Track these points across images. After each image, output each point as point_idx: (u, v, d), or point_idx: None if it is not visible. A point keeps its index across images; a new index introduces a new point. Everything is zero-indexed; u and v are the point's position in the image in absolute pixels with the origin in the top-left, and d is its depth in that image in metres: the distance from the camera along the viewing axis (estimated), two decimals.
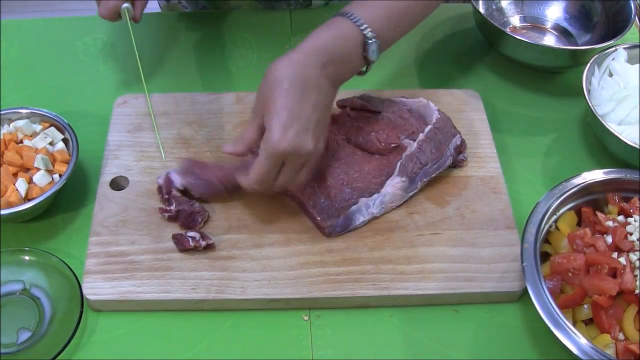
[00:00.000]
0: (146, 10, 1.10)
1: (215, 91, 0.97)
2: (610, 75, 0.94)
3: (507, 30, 1.01)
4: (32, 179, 0.80)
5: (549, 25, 1.09)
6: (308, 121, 0.73)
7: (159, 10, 1.23)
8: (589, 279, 0.70)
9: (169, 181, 0.82)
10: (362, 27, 0.75)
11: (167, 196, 0.81)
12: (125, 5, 0.87)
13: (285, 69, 0.73)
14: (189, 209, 0.80)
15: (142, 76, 0.89)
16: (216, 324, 0.75)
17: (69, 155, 0.83)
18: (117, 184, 0.85)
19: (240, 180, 0.77)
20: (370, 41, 0.75)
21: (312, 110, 0.73)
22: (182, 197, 0.82)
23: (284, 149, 0.71)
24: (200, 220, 0.80)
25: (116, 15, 0.88)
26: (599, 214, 0.76)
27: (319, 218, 0.79)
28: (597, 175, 0.79)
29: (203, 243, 0.77)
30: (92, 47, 1.06)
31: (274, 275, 0.76)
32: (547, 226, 0.76)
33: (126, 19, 0.87)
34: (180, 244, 0.77)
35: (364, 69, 0.79)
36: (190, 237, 0.77)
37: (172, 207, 0.80)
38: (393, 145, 0.84)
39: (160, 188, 0.82)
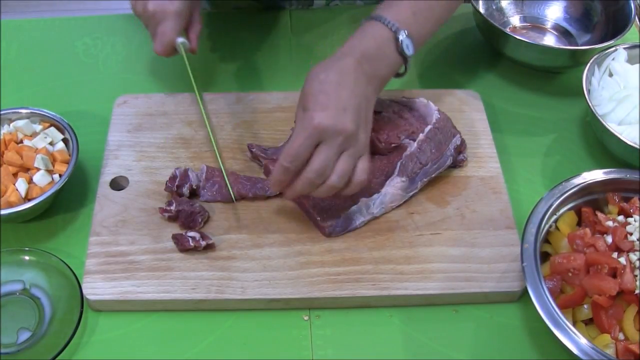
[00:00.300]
0: None
1: (215, 91, 0.97)
2: (610, 75, 0.94)
3: (507, 30, 1.01)
4: (32, 179, 0.80)
5: (549, 25, 1.10)
6: (347, 103, 0.72)
7: None
8: (589, 279, 0.70)
9: (185, 176, 0.82)
10: (391, 25, 0.77)
11: (175, 189, 0.81)
12: (181, 40, 0.85)
13: (321, 67, 0.75)
14: (189, 209, 0.80)
15: (199, 99, 0.86)
16: (216, 324, 0.75)
17: (69, 155, 0.83)
18: (117, 184, 0.85)
19: (275, 168, 0.74)
20: (401, 37, 0.77)
21: (350, 95, 0.73)
22: (183, 198, 0.82)
23: (320, 123, 0.70)
24: (200, 220, 0.80)
25: (172, 51, 0.85)
26: (599, 214, 0.76)
27: (319, 218, 0.79)
28: (597, 175, 0.79)
29: (203, 243, 0.77)
30: (92, 47, 1.06)
31: (274, 275, 0.76)
32: (547, 226, 0.76)
33: (182, 53, 0.86)
34: (180, 244, 0.77)
35: (402, 70, 0.80)
36: (190, 237, 0.77)
37: (172, 207, 0.80)
38: (393, 145, 0.84)
39: (172, 179, 0.82)
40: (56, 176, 0.82)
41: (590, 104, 0.87)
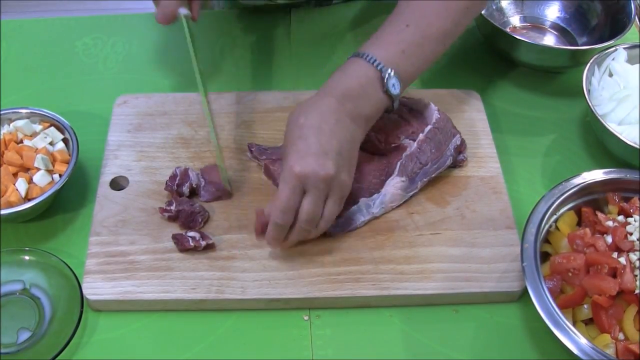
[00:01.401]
0: (150, 10, 1.11)
1: (215, 91, 0.97)
2: (610, 75, 0.94)
3: (507, 30, 1.01)
4: (32, 179, 0.80)
5: (548, 25, 1.10)
6: (327, 147, 0.71)
7: None
8: (589, 278, 0.70)
9: (185, 175, 0.82)
10: (377, 64, 0.75)
11: (176, 188, 0.81)
12: (184, 12, 0.84)
13: (301, 109, 0.74)
14: (189, 208, 0.80)
15: (199, 79, 0.85)
16: (216, 324, 0.75)
17: (69, 155, 0.83)
18: (117, 184, 0.85)
19: (269, 226, 0.74)
20: (387, 76, 0.75)
21: (330, 137, 0.72)
22: (183, 198, 0.82)
23: (301, 172, 0.70)
24: (200, 220, 0.80)
25: (173, 20, 0.85)
26: (599, 214, 0.76)
27: None
28: (597, 175, 0.79)
29: (203, 243, 0.77)
30: (92, 47, 1.06)
31: (274, 275, 0.76)
32: (547, 226, 0.76)
33: (184, 25, 0.85)
34: (180, 244, 0.77)
35: (392, 105, 0.79)
36: (190, 237, 0.77)
37: (172, 207, 0.80)
38: (393, 145, 0.84)
39: (172, 178, 0.82)
40: (56, 176, 0.82)
41: (590, 104, 0.87)
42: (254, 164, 0.87)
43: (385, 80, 0.75)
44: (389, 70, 0.75)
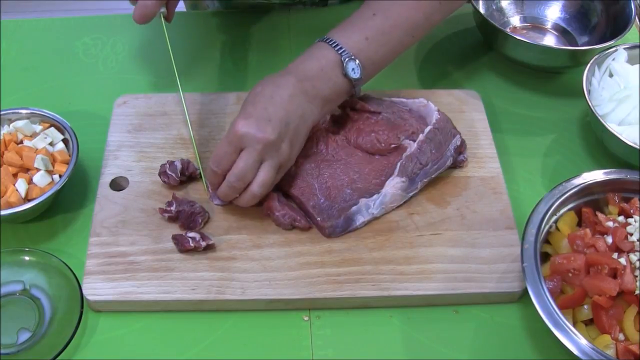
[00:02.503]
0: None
1: (215, 91, 0.97)
2: (611, 75, 0.94)
3: (507, 30, 1.01)
4: (32, 180, 0.80)
5: (549, 25, 1.09)
6: (272, 114, 0.75)
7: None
8: (589, 279, 0.70)
9: (172, 164, 0.83)
10: (338, 48, 0.78)
11: (179, 175, 0.83)
12: (162, 10, 0.85)
13: (263, 81, 0.79)
14: (189, 209, 0.80)
15: (177, 78, 0.87)
16: (216, 324, 0.75)
17: (69, 156, 0.83)
18: (117, 185, 0.85)
19: (209, 167, 0.78)
20: (346, 60, 0.78)
21: (279, 108, 0.75)
22: (184, 198, 0.82)
23: (240, 130, 0.74)
24: (200, 220, 0.80)
25: (150, 20, 0.84)
26: (599, 215, 0.76)
27: (319, 218, 0.79)
28: (597, 175, 0.79)
29: (203, 244, 0.77)
30: (92, 47, 1.06)
31: (274, 275, 0.76)
32: (547, 226, 0.76)
33: (161, 22, 0.86)
34: (180, 245, 0.77)
35: (354, 90, 0.82)
36: (190, 237, 0.77)
37: (172, 208, 0.80)
38: (393, 145, 0.84)
39: (167, 169, 0.83)
40: (56, 176, 0.82)
41: (590, 104, 0.87)
42: None
43: (344, 64, 0.78)
44: (350, 55, 0.78)
